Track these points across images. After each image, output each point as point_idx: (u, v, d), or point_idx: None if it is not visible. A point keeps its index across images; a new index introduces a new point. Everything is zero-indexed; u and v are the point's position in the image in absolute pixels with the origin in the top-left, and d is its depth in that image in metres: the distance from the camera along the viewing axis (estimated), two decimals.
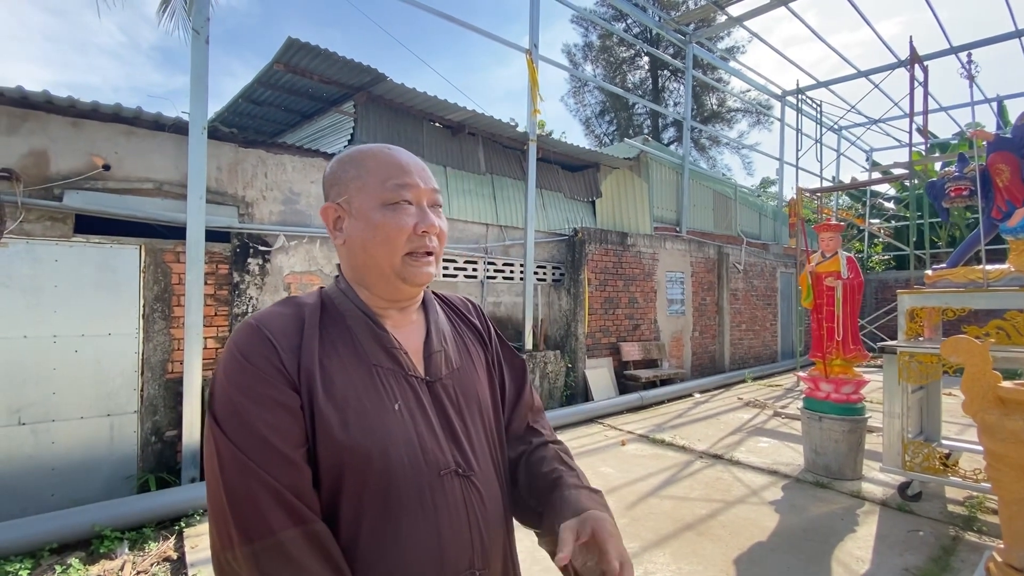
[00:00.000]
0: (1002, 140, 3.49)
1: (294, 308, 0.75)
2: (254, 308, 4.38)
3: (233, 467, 0.62)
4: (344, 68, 5.07)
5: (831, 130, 12.66)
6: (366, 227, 0.75)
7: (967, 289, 3.51)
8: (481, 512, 0.75)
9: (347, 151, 0.82)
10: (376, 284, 0.78)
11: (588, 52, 20.84)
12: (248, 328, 0.69)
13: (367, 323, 0.77)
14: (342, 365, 0.72)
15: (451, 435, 0.77)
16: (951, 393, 6.41)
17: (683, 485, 3.93)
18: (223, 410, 0.65)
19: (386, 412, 0.71)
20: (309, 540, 0.63)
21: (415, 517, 0.69)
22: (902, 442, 3.54)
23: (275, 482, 0.62)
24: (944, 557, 2.73)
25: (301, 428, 0.66)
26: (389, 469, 0.69)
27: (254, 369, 0.66)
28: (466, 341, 0.91)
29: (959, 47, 8.76)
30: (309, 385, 0.68)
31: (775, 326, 11.12)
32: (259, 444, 0.63)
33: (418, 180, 0.78)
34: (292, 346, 0.70)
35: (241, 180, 4.37)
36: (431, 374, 0.79)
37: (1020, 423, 2.01)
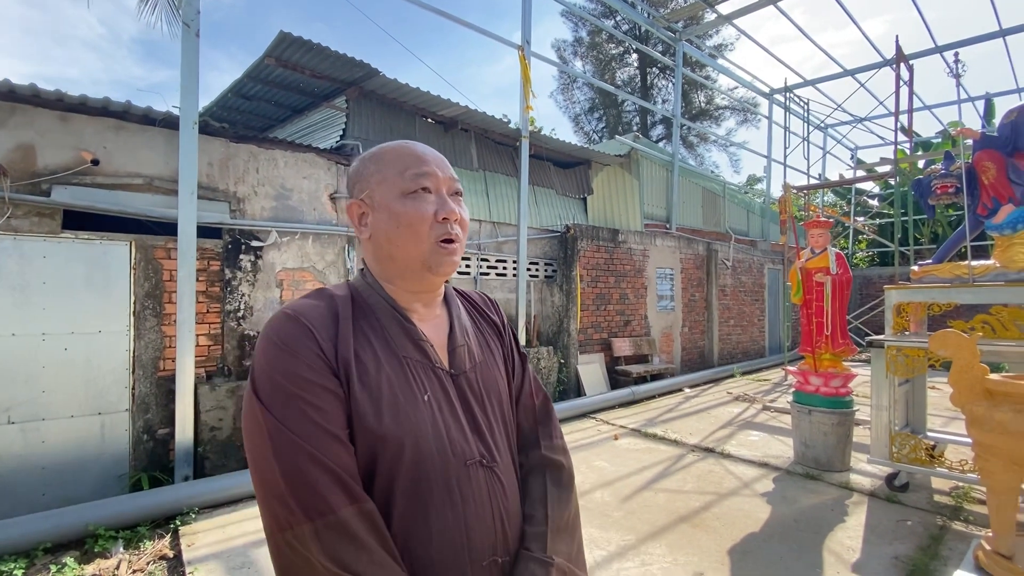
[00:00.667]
0: (988, 138, 3.57)
1: (326, 300, 0.77)
2: (246, 305, 4.35)
3: (288, 449, 0.64)
4: (336, 63, 5.03)
5: (818, 128, 12.82)
6: (388, 218, 0.77)
7: (953, 284, 3.59)
8: (503, 502, 0.77)
9: (369, 150, 0.83)
10: (402, 276, 0.80)
11: (578, 48, 20.86)
12: (286, 317, 0.71)
13: (396, 316, 0.79)
14: (375, 356, 0.74)
15: (475, 427, 0.79)
16: (935, 386, 6.56)
17: (676, 478, 3.98)
18: (270, 395, 0.66)
19: (417, 403, 0.73)
20: (365, 519, 0.65)
21: (443, 506, 0.71)
22: (889, 434, 3.63)
23: (330, 461, 0.64)
24: (932, 546, 2.81)
25: (343, 412, 0.69)
26: (420, 459, 0.71)
27: (296, 356, 0.68)
28: (486, 336, 0.93)
29: (944, 46, 8.92)
30: (347, 374, 0.70)
31: (763, 322, 11.28)
32: (310, 426, 0.65)
33: (436, 169, 0.80)
34: (330, 336, 0.72)
35: (232, 175, 4.32)
36: (456, 367, 0.81)
37: (1008, 414, 2.07)
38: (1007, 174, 3.46)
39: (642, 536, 3.01)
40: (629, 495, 3.63)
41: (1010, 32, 8.50)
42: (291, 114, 6.48)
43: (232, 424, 3.94)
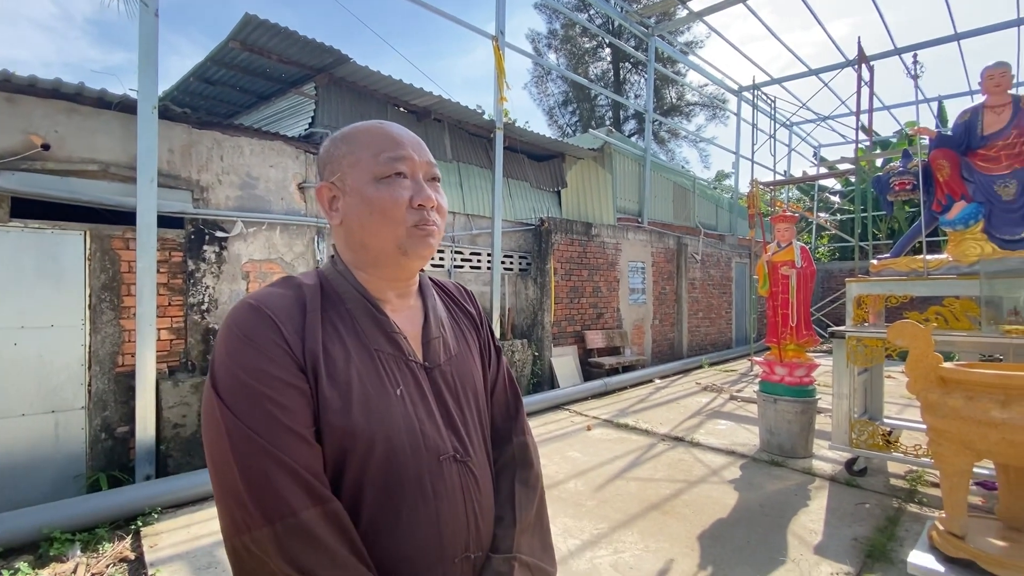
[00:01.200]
0: (943, 138, 3.73)
1: (293, 289, 0.73)
2: (211, 298, 4.20)
3: (247, 448, 0.61)
4: (305, 48, 4.87)
5: (783, 126, 13.19)
6: (361, 203, 0.73)
7: (909, 277, 3.75)
8: (477, 497, 0.76)
9: (340, 130, 0.79)
10: (376, 263, 0.77)
11: (552, 40, 20.83)
12: (248, 308, 0.67)
13: (367, 307, 0.76)
14: (344, 349, 0.71)
15: (448, 421, 0.77)
16: (891, 375, 6.87)
17: (647, 467, 4.06)
18: (230, 391, 0.63)
19: (388, 397, 0.71)
20: (329, 519, 0.62)
21: (415, 502, 0.69)
22: (849, 421, 3.78)
23: (292, 462, 0.61)
24: (889, 527, 2.95)
25: (310, 409, 0.65)
26: (391, 455, 0.68)
27: (259, 349, 0.64)
28: (462, 327, 0.91)
29: (903, 48, 9.26)
30: (314, 367, 0.67)
31: (730, 314, 11.58)
32: (272, 424, 0.62)
33: (412, 152, 0.76)
34: (296, 327, 0.68)
35: (195, 163, 4.15)
36: (430, 360, 0.79)
37: (959, 401, 2.18)
38: (960, 172, 3.63)
39: (615, 524, 3.06)
40: (602, 484, 3.68)
41: (964, 36, 8.89)
42: (257, 100, 6.26)
43: (196, 421, 3.81)
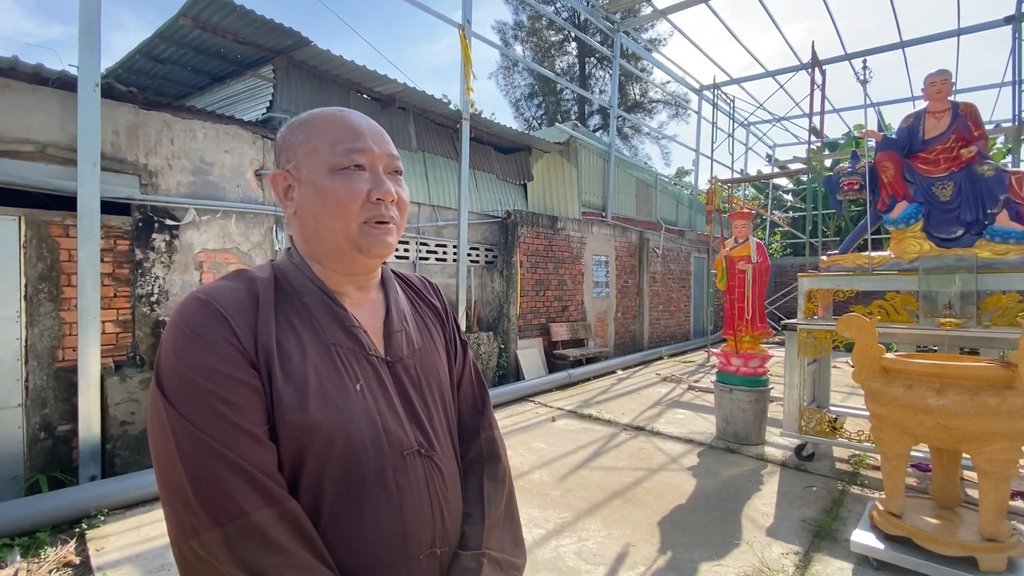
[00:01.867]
0: (888, 140, 3.94)
1: (245, 282, 0.70)
2: (161, 289, 3.99)
3: (194, 449, 0.58)
4: (263, 29, 4.66)
5: (741, 125, 13.63)
6: (315, 195, 0.71)
7: (855, 273, 3.96)
8: (442, 491, 0.75)
9: (298, 116, 0.76)
10: (331, 257, 0.74)
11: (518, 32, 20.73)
12: (197, 302, 0.64)
13: (324, 300, 0.73)
14: (300, 344, 0.68)
15: (412, 415, 0.76)
16: (836, 365, 7.26)
17: (610, 456, 4.15)
18: (176, 390, 0.60)
19: (347, 392, 0.69)
20: (284, 519, 0.60)
21: (377, 498, 0.68)
22: (799, 409, 3.97)
23: (243, 462, 0.59)
24: (834, 508, 3.13)
25: (263, 406, 0.63)
26: (351, 450, 0.67)
27: (208, 346, 0.61)
28: (426, 321, 0.89)
29: (853, 54, 9.72)
30: (267, 364, 0.64)
31: (689, 307, 11.94)
32: (221, 423, 0.59)
33: (372, 144, 0.73)
34: (248, 322, 0.65)
35: (143, 146, 3.92)
36: (392, 354, 0.77)
37: (899, 389, 2.32)
38: (903, 174, 3.85)
39: (579, 513, 3.12)
40: (566, 474, 3.74)
41: (908, 44, 9.40)
42: (210, 82, 5.96)
43: (146, 418, 3.63)
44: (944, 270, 3.52)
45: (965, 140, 3.68)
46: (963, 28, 8.82)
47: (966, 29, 8.83)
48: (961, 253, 3.53)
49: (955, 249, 3.60)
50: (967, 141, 3.67)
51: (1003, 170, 3.55)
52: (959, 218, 3.64)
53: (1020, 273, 3.27)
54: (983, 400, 2.11)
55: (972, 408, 2.12)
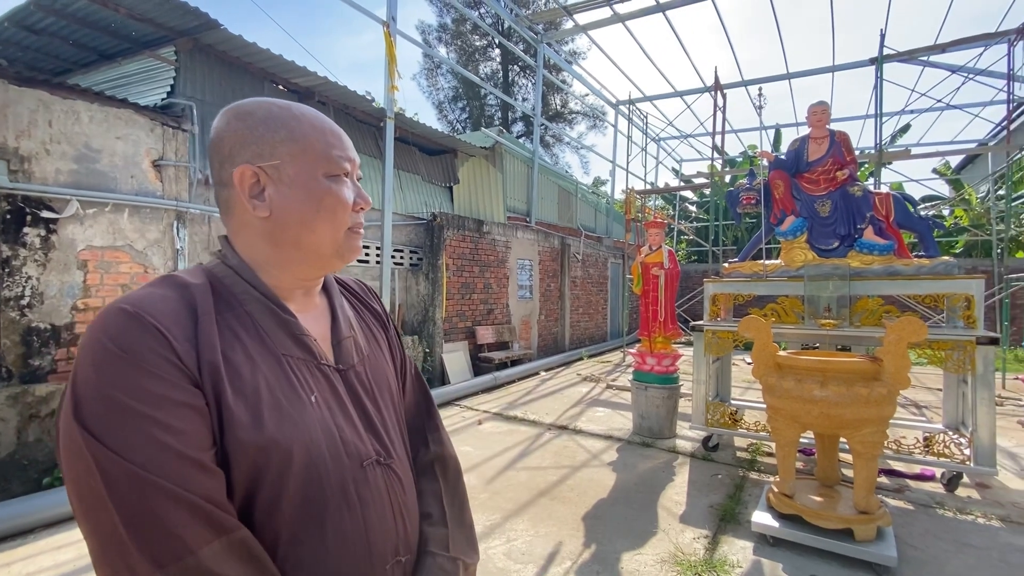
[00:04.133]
0: (779, 161, 4.41)
1: (177, 290, 0.63)
2: (34, 291, 3.50)
3: (127, 486, 0.51)
4: (164, 6, 4.26)
5: (653, 140, 14.54)
6: (307, 199, 0.67)
7: (752, 279, 4.39)
8: (402, 498, 0.75)
9: (257, 106, 0.69)
10: (303, 262, 0.71)
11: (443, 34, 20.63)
12: (122, 315, 0.56)
13: (270, 308, 0.69)
14: (247, 356, 0.64)
15: (368, 424, 0.74)
16: (736, 362, 7.96)
17: (536, 456, 4.24)
18: (101, 420, 0.53)
19: (303, 405, 0.65)
20: (236, 551, 0.56)
21: (340, 513, 0.65)
22: (705, 404, 4.31)
23: (186, 493, 0.53)
24: (737, 493, 3.43)
25: (208, 429, 0.58)
26: (311, 466, 0.63)
27: (140, 365, 0.54)
28: (370, 326, 0.88)
29: (749, 81, 10.76)
30: (214, 380, 0.59)
31: (606, 310, 12.51)
32: (159, 452, 0.53)
33: (352, 153, 0.73)
34: (186, 335, 0.59)
35: (13, 127, 3.42)
36: (343, 362, 0.75)
37: (791, 383, 2.61)
38: (792, 191, 4.33)
39: (507, 514, 3.16)
40: (493, 476, 3.77)
41: (793, 76, 10.57)
42: (97, 59, 5.33)
43: (15, 439, 3.16)
44: (823, 277, 4.00)
45: (840, 164, 4.21)
46: (837, 65, 10.09)
47: (839, 66, 10.10)
48: (837, 262, 4.04)
49: (832, 259, 4.11)
50: (842, 165, 4.21)
51: (869, 191, 4.12)
52: (835, 232, 4.16)
53: (882, 280, 3.80)
54: (856, 390, 2.43)
55: (848, 398, 2.44)
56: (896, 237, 3.99)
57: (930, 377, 7.49)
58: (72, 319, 3.68)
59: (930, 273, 3.65)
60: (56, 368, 3.59)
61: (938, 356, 3.40)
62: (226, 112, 0.70)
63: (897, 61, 7.75)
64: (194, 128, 4.55)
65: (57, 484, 3.28)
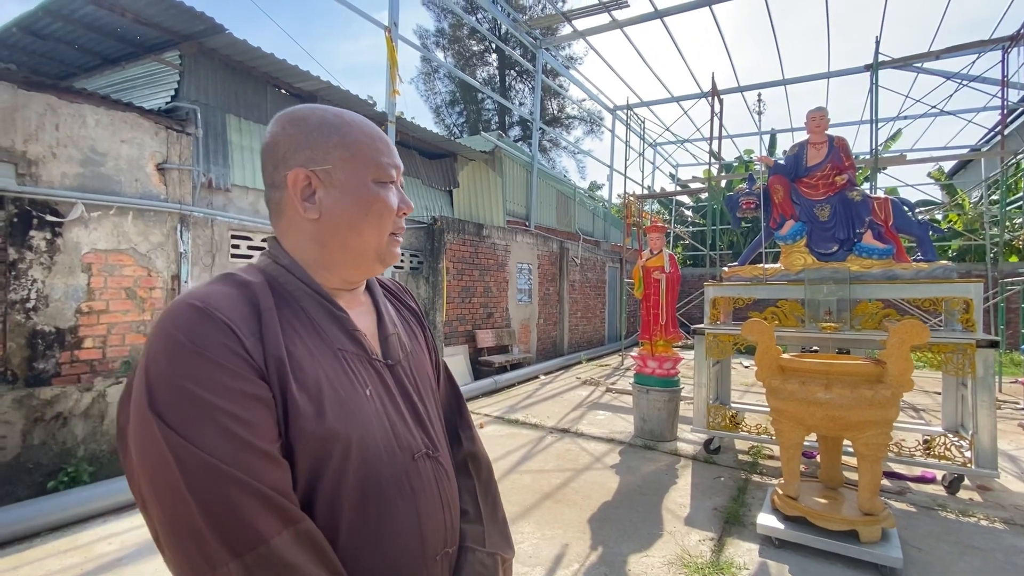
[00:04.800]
0: (778, 166, 4.47)
1: (239, 287, 0.66)
2: (40, 294, 3.50)
3: (204, 476, 0.54)
4: (169, 10, 4.27)
5: (650, 145, 14.64)
6: (356, 203, 0.71)
7: (752, 283, 4.43)
8: (448, 489, 0.78)
9: (310, 113, 0.72)
10: (349, 264, 0.74)
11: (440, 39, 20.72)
12: (193, 311, 0.59)
13: (324, 305, 0.72)
14: (308, 350, 0.67)
15: (416, 418, 0.77)
16: (735, 366, 8.00)
17: (539, 459, 4.26)
18: (176, 410, 0.55)
19: (360, 399, 0.69)
20: (303, 541, 0.58)
21: (395, 504, 0.68)
22: (706, 407, 4.35)
23: (259, 484, 0.56)
24: (740, 496, 3.46)
25: (275, 421, 0.60)
26: (368, 457, 0.66)
27: (212, 359, 0.57)
28: (410, 324, 0.91)
29: (745, 87, 10.87)
30: (279, 373, 0.62)
31: (604, 313, 12.55)
32: (234, 445, 0.56)
33: (398, 160, 0.77)
34: (252, 331, 0.62)
35: (21, 131, 3.42)
36: (391, 357, 0.78)
37: (794, 385, 2.65)
38: (791, 196, 4.38)
39: (512, 517, 3.17)
40: (498, 479, 3.77)
41: (789, 82, 10.68)
42: (101, 63, 5.33)
43: (20, 442, 3.16)
44: (823, 281, 4.05)
45: (839, 169, 4.27)
46: (832, 72, 10.21)
47: (834, 73, 10.21)
48: (836, 266, 4.09)
49: (832, 263, 4.16)
50: (840, 170, 4.27)
51: (867, 196, 4.17)
52: (834, 236, 4.22)
53: (882, 284, 3.85)
54: (861, 392, 2.47)
55: (852, 400, 2.48)
56: (895, 241, 4.05)
57: (927, 381, 7.56)
58: (76, 322, 3.67)
59: (929, 277, 3.71)
60: (60, 371, 3.58)
61: (937, 359, 3.45)
62: (280, 117, 0.73)
63: (892, 68, 7.86)
64: (198, 131, 4.57)
65: (62, 487, 3.27)
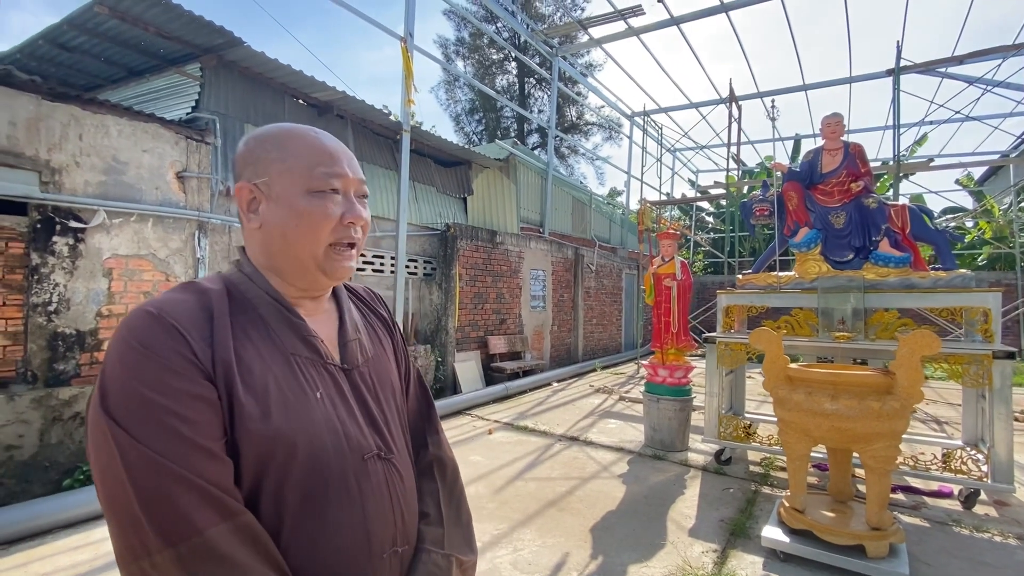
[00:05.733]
0: (793, 172, 4.39)
1: (196, 295, 0.69)
2: (61, 298, 3.63)
3: (144, 468, 0.57)
4: (191, 25, 4.43)
5: (668, 151, 14.53)
6: (288, 214, 0.72)
7: (766, 291, 4.35)
8: (401, 491, 0.78)
9: (266, 130, 0.77)
10: (293, 274, 0.76)
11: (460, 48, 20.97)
12: (146, 316, 0.63)
13: (281, 311, 0.75)
14: (258, 354, 0.69)
15: (370, 420, 0.78)
16: (750, 375, 7.84)
17: (545, 467, 4.23)
18: (124, 409, 0.58)
19: (308, 401, 0.71)
20: (240, 534, 0.60)
21: (341, 503, 0.70)
22: (718, 417, 4.26)
23: (197, 478, 0.58)
24: (748, 508, 3.38)
25: (220, 421, 0.63)
26: (314, 457, 0.68)
27: (160, 361, 0.60)
28: (376, 330, 0.93)
29: (764, 92, 10.72)
30: (227, 377, 0.64)
31: (620, 321, 12.44)
32: (174, 440, 0.58)
33: (347, 169, 0.77)
34: (203, 335, 0.65)
35: (46, 140, 3.58)
36: (348, 362, 0.80)
37: (802, 396, 2.58)
38: (805, 203, 4.29)
39: (514, 524, 3.15)
40: (502, 486, 3.77)
41: (809, 87, 10.50)
42: (126, 75, 5.54)
43: (38, 441, 3.27)
44: (838, 289, 3.95)
45: (854, 176, 4.17)
46: (853, 77, 10.00)
47: (856, 78, 10.01)
48: (852, 275, 3.99)
49: (847, 271, 4.06)
50: (856, 176, 4.17)
51: (884, 203, 4.06)
52: (850, 243, 4.11)
53: (898, 293, 3.74)
54: (868, 404, 2.40)
55: (860, 411, 2.40)
56: (912, 249, 3.93)
57: (952, 392, 7.28)
58: (96, 325, 3.80)
59: (947, 286, 3.59)
60: (80, 372, 3.70)
61: (956, 370, 3.32)
62: (245, 137, 0.78)
63: (914, 73, 7.67)
64: (216, 141, 4.71)
65: (77, 486, 3.37)
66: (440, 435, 0.98)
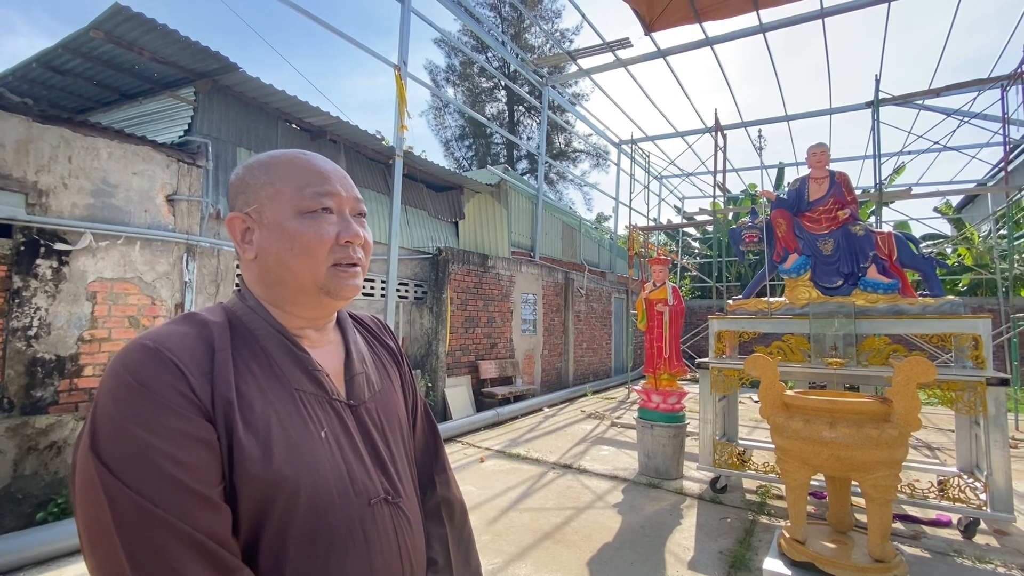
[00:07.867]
0: (781, 200, 4.47)
1: (197, 327, 0.65)
2: (42, 322, 3.53)
3: (135, 520, 0.52)
4: (186, 50, 4.45)
5: (655, 178, 14.80)
6: (281, 238, 0.69)
7: (757, 316, 4.38)
8: (410, 538, 0.74)
9: (257, 157, 0.74)
10: (295, 301, 0.72)
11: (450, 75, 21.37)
12: (143, 350, 0.59)
13: (284, 343, 0.71)
14: (260, 390, 0.65)
15: (377, 461, 0.74)
16: (742, 401, 7.83)
17: (539, 496, 4.14)
18: (116, 451, 0.54)
19: (313, 441, 0.66)
20: None
21: (346, 552, 0.65)
22: (712, 443, 4.23)
23: (192, 531, 0.54)
24: (746, 538, 3.32)
25: (218, 464, 0.59)
26: (317, 503, 0.64)
27: (157, 399, 0.56)
28: (383, 362, 0.89)
29: (748, 122, 11.05)
30: (226, 414, 0.60)
31: (610, 345, 12.42)
32: (170, 488, 0.54)
33: (339, 187, 0.74)
34: (202, 371, 0.61)
35: (34, 162, 3.53)
36: (354, 397, 0.76)
37: (799, 423, 2.57)
38: (794, 229, 4.37)
39: (509, 558, 3.06)
40: (495, 517, 3.67)
41: (792, 118, 10.84)
42: (119, 98, 5.53)
43: (12, 472, 3.12)
44: (828, 315, 3.99)
45: (841, 203, 4.27)
46: (834, 108, 10.35)
47: (836, 109, 10.36)
48: (841, 300, 4.04)
49: (837, 297, 4.11)
50: (842, 204, 4.27)
51: (871, 230, 4.15)
52: (839, 270, 4.17)
53: (888, 319, 3.79)
54: (867, 432, 2.39)
55: (858, 439, 2.39)
56: (900, 276, 4.00)
57: (941, 418, 7.33)
58: (77, 350, 3.69)
59: (936, 312, 3.64)
60: (58, 399, 3.57)
61: (948, 397, 3.34)
62: (239, 166, 0.75)
63: (893, 104, 7.95)
64: (208, 164, 4.69)
65: (52, 519, 3.21)
66: (448, 473, 0.95)
